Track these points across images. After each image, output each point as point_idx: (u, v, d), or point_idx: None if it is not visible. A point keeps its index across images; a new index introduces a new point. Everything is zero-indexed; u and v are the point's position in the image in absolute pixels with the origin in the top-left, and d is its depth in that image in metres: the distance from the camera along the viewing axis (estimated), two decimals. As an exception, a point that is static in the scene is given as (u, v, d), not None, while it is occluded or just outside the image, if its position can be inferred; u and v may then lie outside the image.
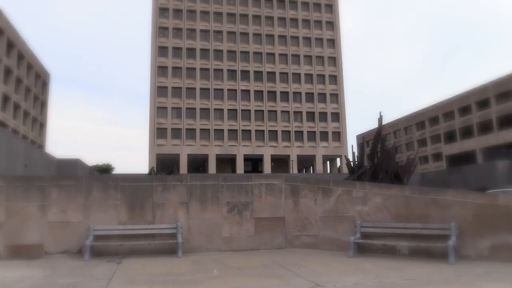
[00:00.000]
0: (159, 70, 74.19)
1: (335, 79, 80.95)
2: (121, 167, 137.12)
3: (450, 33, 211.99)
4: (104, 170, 68.89)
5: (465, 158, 68.25)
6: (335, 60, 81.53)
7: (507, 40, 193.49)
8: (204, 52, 76.64)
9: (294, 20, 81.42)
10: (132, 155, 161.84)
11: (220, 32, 77.88)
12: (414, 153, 56.18)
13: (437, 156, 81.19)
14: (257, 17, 79.91)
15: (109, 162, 77.45)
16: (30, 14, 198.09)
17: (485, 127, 68.69)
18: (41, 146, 66.38)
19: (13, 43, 54.34)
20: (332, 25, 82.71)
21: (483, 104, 69.44)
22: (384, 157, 13.35)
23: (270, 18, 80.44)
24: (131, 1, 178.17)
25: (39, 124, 67.35)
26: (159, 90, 73.53)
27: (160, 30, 75.56)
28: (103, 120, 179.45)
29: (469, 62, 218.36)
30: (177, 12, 76.89)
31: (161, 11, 76.22)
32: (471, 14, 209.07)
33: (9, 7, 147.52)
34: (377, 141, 13.92)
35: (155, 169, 40.28)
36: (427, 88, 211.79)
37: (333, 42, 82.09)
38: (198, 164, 77.19)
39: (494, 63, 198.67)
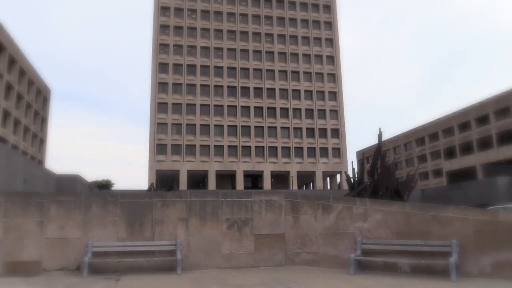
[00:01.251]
0: (160, 87, 74.56)
1: (335, 95, 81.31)
2: (120, 183, 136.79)
3: (449, 50, 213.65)
4: (104, 186, 68.72)
5: (466, 174, 68.11)
6: (334, 77, 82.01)
7: (504, 56, 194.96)
8: (205, 68, 77.15)
9: (294, 37, 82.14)
10: (131, 171, 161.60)
11: (220, 49, 78.51)
12: (414, 169, 56.14)
13: (437, 172, 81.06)
14: (257, 34, 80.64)
15: (108, 178, 77.23)
16: (32, 30, 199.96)
17: (485, 143, 68.73)
18: (40, 162, 66.32)
19: (14, 59, 54.72)
20: (332, 42, 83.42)
21: (483, 120, 69.60)
22: (384, 173, 13.33)
23: (270, 35, 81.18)
24: (132, 18, 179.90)
25: (39, 140, 67.41)
26: (159, 106, 73.79)
27: (160, 47, 76.17)
28: (103, 136, 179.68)
29: (467, 79, 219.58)
30: (178, 29, 77.62)
31: (162, 28, 76.94)
32: (468, 32, 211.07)
33: (11, 23, 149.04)
34: (377, 157, 13.92)
35: (154, 185, 40.16)
36: (426, 105, 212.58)
37: (333, 59, 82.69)
38: (197, 180, 77.02)
39: (493, 79, 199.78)
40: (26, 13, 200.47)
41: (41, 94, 68.20)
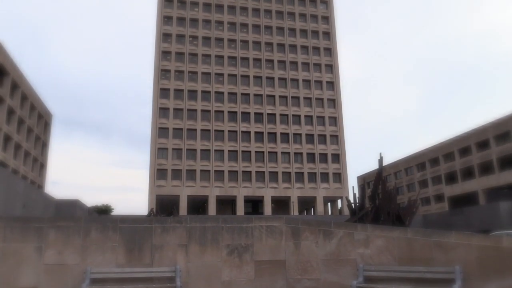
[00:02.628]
0: (161, 112, 74.98)
1: (335, 120, 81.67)
2: (120, 208, 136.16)
3: (448, 75, 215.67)
4: (103, 211, 68.27)
5: (467, 199, 67.74)
6: (334, 102, 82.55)
7: (504, 81, 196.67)
8: (206, 94, 77.75)
9: (294, 63, 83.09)
10: (131, 196, 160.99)
11: (221, 74, 79.33)
12: (415, 195, 55.93)
13: (439, 198, 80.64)
14: (257, 60, 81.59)
15: (108, 203, 76.84)
16: (34, 55, 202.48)
17: (486, 168, 68.60)
18: (40, 187, 66.13)
19: (17, 84, 55.20)
20: (331, 68, 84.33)
21: (483, 145, 69.67)
22: (386, 199, 13.26)
23: (270, 61, 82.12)
24: (134, 44, 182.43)
25: (39, 165, 67.37)
26: (160, 131, 74.04)
27: (162, 73, 76.97)
28: (103, 161, 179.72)
29: (466, 103, 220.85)
30: (180, 55, 78.60)
31: (163, 54, 77.93)
32: (467, 57, 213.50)
33: (14, 48, 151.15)
34: (378, 182, 13.87)
35: (154, 210, 39.92)
36: (426, 129, 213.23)
37: (333, 85, 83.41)
38: (198, 206, 76.60)
39: (491, 104, 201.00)
40: (29, 38, 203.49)
41: (43, 119, 68.55)
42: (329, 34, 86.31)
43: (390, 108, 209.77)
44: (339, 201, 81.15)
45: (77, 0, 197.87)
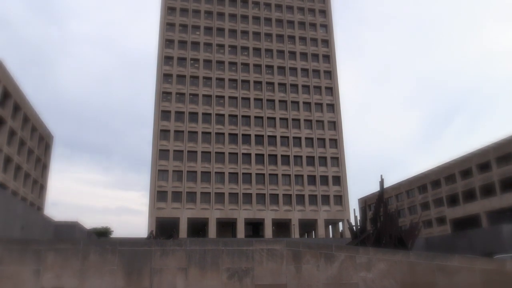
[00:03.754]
0: (162, 133, 75.15)
1: (336, 142, 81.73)
2: (120, 231, 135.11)
3: (447, 98, 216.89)
4: (102, 233, 67.72)
5: (470, 222, 67.21)
6: (335, 124, 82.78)
7: (503, 103, 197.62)
8: (206, 116, 78.06)
9: (294, 86, 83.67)
10: (131, 218, 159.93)
11: (222, 97, 79.80)
12: (417, 217, 55.46)
13: (441, 220, 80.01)
14: (258, 83, 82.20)
15: (108, 225, 76.23)
16: (35, 75, 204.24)
17: (487, 190, 68.28)
18: (40, 208, 65.77)
19: (19, 106, 55.50)
20: (332, 90, 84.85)
21: (484, 167, 69.50)
22: (387, 221, 13.15)
23: (271, 84, 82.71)
24: (135, 67, 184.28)
25: (39, 186, 67.17)
26: (161, 153, 74.05)
27: (163, 95, 77.46)
28: (104, 183, 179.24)
29: (467, 126, 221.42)
30: (181, 77, 79.26)
31: (165, 76, 78.59)
32: (466, 80, 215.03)
33: (17, 69, 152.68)
34: (379, 204, 13.79)
35: (154, 233, 39.59)
36: (427, 152, 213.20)
37: (333, 107, 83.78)
38: (198, 228, 76.02)
39: (491, 126, 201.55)
40: (32, 59, 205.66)
41: (44, 140, 68.67)
42: (329, 57, 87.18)
43: (390, 130, 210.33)
44: (340, 223, 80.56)
45: (80, 22, 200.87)
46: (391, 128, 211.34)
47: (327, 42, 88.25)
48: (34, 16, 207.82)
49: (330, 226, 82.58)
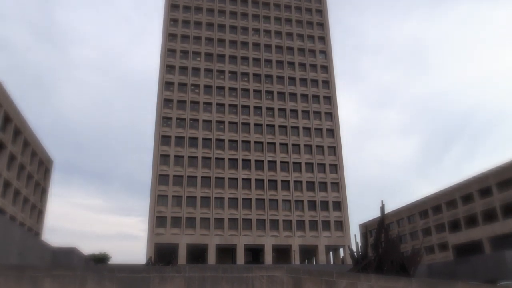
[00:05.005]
0: (162, 158, 75.12)
1: (336, 168, 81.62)
2: (118, 257, 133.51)
3: (446, 123, 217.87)
4: (101, 259, 66.85)
5: (472, 248, 66.54)
6: (335, 149, 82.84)
7: (503, 126, 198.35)
8: (206, 141, 78.21)
9: (294, 111, 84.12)
10: (130, 244, 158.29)
11: (222, 122, 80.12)
12: (419, 243, 54.92)
13: (443, 246, 79.16)
14: (258, 108, 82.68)
15: (106, 251, 75.31)
16: (36, 99, 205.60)
17: (489, 216, 67.85)
18: (37, 234, 65.18)
19: (19, 130, 55.65)
20: (331, 115, 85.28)
21: (485, 192, 69.24)
22: (389, 247, 13.01)
23: (270, 109, 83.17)
24: (136, 92, 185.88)
25: (38, 211, 66.73)
26: (160, 178, 73.84)
27: (164, 120, 77.80)
28: (102, 208, 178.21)
29: (467, 150, 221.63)
30: (181, 103, 79.77)
31: (165, 102, 79.11)
32: (465, 104, 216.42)
33: (18, 94, 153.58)
34: (380, 230, 13.67)
35: (152, 259, 39.16)
36: (427, 176, 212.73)
37: (333, 132, 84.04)
38: (197, 254, 75.09)
39: (491, 150, 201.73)
40: (33, 84, 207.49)
41: (43, 165, 68.59)
42: (328, 83, 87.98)
43: (390, 155, 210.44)
44: (341, 249, 79.67)
45: (81, 47, 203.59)
46: (391, 153, 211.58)
47: (326, 68, 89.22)
48: (36, 40, 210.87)
49: (331, 252, 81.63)
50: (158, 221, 71.49)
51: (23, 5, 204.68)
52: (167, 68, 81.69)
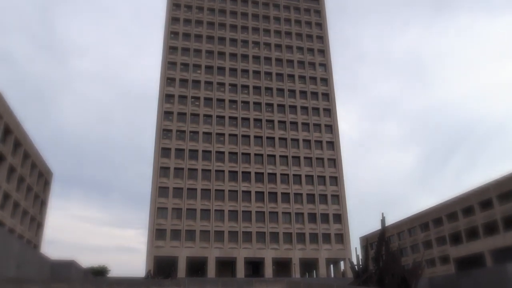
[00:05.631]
0: (162, 171, 75.01)
1: (336, 180, 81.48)
2: (117, 269, 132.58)
3: (447, 134, 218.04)
4: (99, 272, 66.56)
5: (474, 261, 66.06)
6: (335, 162, 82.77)
7: (502, 138, 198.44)
8: (206, 153, 78.19)
9: (294, 124, 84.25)
10: (129, 257, 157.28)
11: (222, 134, 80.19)
12: (420, 256, 54.46)
13: (444, 259, 78.63)
14: (258, 121, 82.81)
15: (105, 264, 74.97)
16: (36, 111, 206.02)
17: (490, 228, 67.51)
18: (36, 246, 64.83)
19: (20, 142, 55.63)
20: (331, 128, 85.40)
21: (486, 204, 68.97)
22: (390, 260, 12.91)
23: (271, 122, 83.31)
24: (136, 104, 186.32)
25: (37, 224, 66.42)
26: (160, 190, 73.64)
27: (164, 132, 77.87)
28: (101, 220, 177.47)
29: (466, 161, 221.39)
30: (181, 115, 79.93)
31: (166, 114, 79.27)
32: (464, 117, 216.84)
33: (18, 105, 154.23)
34: (381, 243, 13.59)
35: (152, 272, 38.91)
36: (427, 188, 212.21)
37: (333, 144, 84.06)
38: (197, 267, 74.62)
39: (490, 163, 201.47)
40: (33, 95, 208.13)
41: (43, 177, 68.46)
42: (328, 95, 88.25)
43: (390, 168, 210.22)
44: (341, 262, 79.15)
45: (81, 59, 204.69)
46: (391, 164, 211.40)
47: (326, 81, 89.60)
48: (37, 52, 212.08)
49: (331, 265, 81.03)
50: (157, 233, 71.12)
51: (25, 17, 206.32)
52: (167, 80, 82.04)
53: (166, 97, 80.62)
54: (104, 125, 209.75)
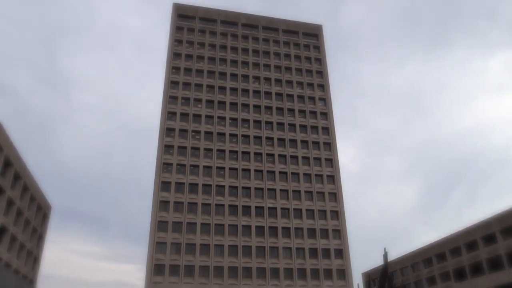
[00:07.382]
0: (161, 205, 74.48)
1: (337, 214, 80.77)
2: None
3: (447, 168, 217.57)
4: (96, 310, 64.94)
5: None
6: (335, 196, 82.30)
7: (503, 170, 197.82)
8: (206, 187, 77.86)
9: (294, 157, 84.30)
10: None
11: (222, 168, 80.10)
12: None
13: (449, 296, 76.87)
14: (258, 154, 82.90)
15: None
16: (36, 144, 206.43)
17: (495, 264, 66.32)
18: (32, 282, 63.59)
19: (19, 175, 55.53)
20: (331, 161, 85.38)
21: (490, 239, 68.04)
22: (393, 296, 12.60)
23: (271, 155, 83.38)
24: (136, 137, 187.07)
25: (33, 258, 65.39)
26: (159, 225, 72.87)
27: (164, 166, 77.81)
28: (99, 255, 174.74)
29: (467, 195, 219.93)
30: (182, 149, 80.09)
31: (166, 148, 79.46)
32: (464, 150, 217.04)
33: (18, 138, 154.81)
34: (384, 279, 13.32)
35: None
36: (428, 222, 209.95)
37: (333, 178, 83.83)
38: (195, 304, 72.86)
39: (491, 197, 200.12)
40: (33, 128, 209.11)
41: (42, 211, 67.94)
42: (328, 129, 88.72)
43: (391, 201, 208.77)
44: (344, 299, 77.36)
45: (82, 92, 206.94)
46: (392, 198, 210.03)
47: (326, 115, 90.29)
48: (38, 85, 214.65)
49: (333, 303, 79.16)
50: (156, 269, 69.86)
51: (28, 50, 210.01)
52: (168, 114, 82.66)
53: (167, 131, 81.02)
54: (104, 159, 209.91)
